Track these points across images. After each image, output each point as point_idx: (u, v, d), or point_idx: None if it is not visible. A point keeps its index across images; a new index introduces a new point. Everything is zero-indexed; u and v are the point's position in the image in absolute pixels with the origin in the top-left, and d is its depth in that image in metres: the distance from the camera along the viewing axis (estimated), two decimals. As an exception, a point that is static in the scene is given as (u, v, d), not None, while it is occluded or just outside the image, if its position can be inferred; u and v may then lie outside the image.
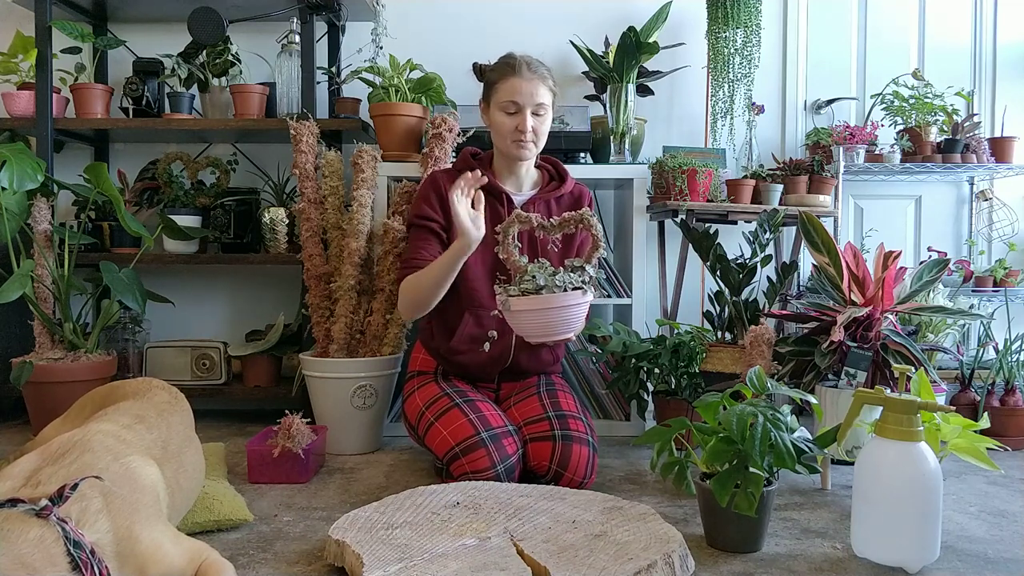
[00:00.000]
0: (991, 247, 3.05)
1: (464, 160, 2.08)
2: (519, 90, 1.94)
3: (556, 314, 1.70)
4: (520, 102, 1.95)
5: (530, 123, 1.95)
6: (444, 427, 1.86)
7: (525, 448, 1.88)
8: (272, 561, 1.44)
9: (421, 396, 2.00)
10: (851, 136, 2.66)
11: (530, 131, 1.96)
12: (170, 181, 2.75)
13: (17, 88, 2.75)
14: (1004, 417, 2.32)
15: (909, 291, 1.97)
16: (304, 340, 2.62)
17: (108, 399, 1.61)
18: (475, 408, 1.89)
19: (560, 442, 1.84)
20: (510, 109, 1.96)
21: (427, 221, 2.01)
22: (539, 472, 1.86)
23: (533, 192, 2.09)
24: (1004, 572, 1.42)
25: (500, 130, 1.98)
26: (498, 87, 1.97)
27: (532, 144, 1.99)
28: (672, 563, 1.32)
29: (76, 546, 1.01)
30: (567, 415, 1.92)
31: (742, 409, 1.47)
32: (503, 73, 1.97)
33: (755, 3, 2.72)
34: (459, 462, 1.80)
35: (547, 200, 2.08)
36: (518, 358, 2.04)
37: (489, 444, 1.79)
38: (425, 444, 1.94)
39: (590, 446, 1.87)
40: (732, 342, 2.28)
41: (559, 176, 2.12)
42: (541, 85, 1.97)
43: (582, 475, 1.84)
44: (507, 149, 2.00)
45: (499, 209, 2.03)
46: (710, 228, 2.37)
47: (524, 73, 1.95)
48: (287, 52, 2.68)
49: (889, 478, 1.41)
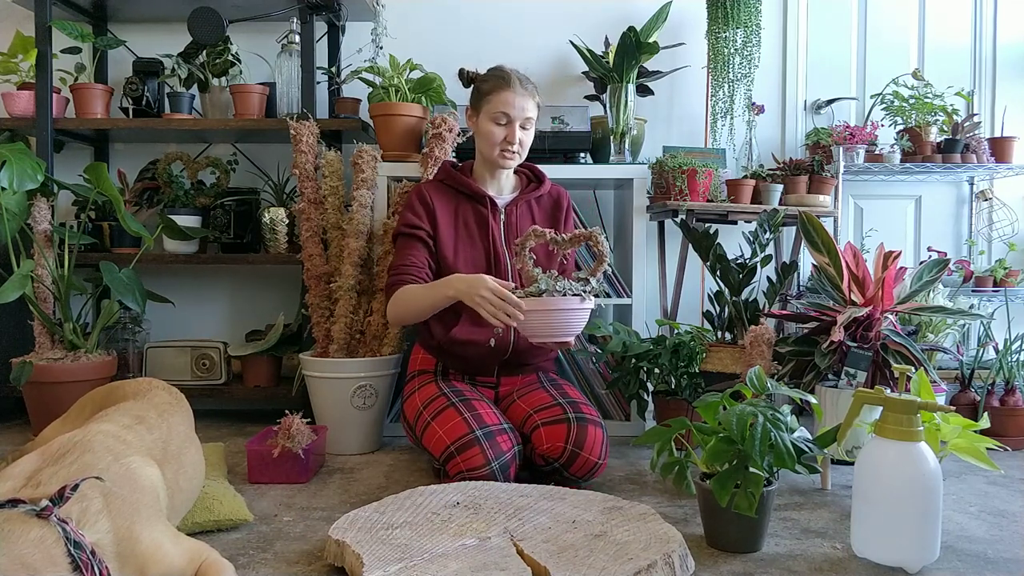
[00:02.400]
0: (991, 247, 3.05)
1: (445, 171, 2.15)
2: (512, 103, 2.02)
3: (556, 316, 1.79)
4: (512, 115, 2.03)
5: (519, 135, 2.04)
6: (440, 427, 1.87)
7: (536, 434, 1.88)
8: (272, 561, 1.44)
9: (420, 396, 2.01)
10: (851, 136, 2.66)
11: (518, 143, 2.05)
12: (170, 181, 2.75)
13: (17, 88, 2.75)
14: (1004, 417, 2.32)
15: (909, 291, 1.97)
16: (304, 340, 2.62)
17: (108, 399, 1.62)
18: (470, 407, 1.90)
19: (575, 424, 1.86)
20: (501, 120, 2.03)
21: (414, 229, 2.06)
22: (552, 455, 1.85)
23: (514, 195, 2.16)
24: (1004, 572, 1.42)
25: (489, 139, 2.05)
26: (491, 98, 2.04)
27: (516, 155, 2.08)
28: (672, 563, 1.32)
29: (76, 546, 1.01)
30: (578, 402, 1.96)
31: (742, 409, 1.47)
32: (497, 85, 2.04)
33: (755, 3, 2.72)
34: (454, 461, 1.80)
35: (528, 201, 2.16)
36: (518, 348, 2.06)
37: (483, 441, 1.80)
38: (422, 444, 1.95)
39: (603, 429, 1.90)
40: (732, 342, 2.28)
41: (536, 178, 2.20)
42: (531, 100, 2.06)
43: (598, 454, 1.84)
44: (493, 157, 2.07)
45: (483, 211, 2.11)
46: (710, 228, 2.37)
47: (517, 88, 2.03)
48: (287, 52, 2.68)
49: (889, 478, 1.41)
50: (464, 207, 2.11)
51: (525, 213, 2.14)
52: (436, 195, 2.10)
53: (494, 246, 2.08)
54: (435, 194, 2.10)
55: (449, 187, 2.13)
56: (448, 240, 2.07)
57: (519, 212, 2.13)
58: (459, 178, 2.11)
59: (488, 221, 2.09)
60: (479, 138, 2.09)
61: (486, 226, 2.09)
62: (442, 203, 2.09)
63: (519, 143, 2.05)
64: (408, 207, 2.10)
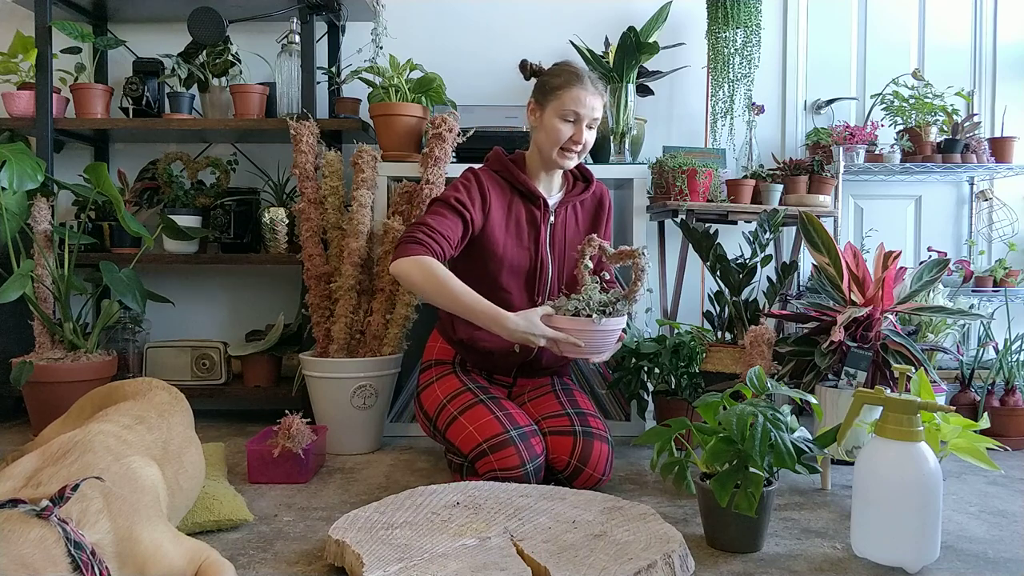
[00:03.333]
0: (991, 247, 3.05)
1: (500, 162, 2.03)
2: (583, 101, 1.92)
3: (596, 336, 1.78)
4: (581, 113, 1.92)
5: (584, 135, 1.95)
6: (470, 422, 1.85)
7: (544, 442, 1.88)
8: (272, 561, 1.44)
9: (442, 388, 1.98)
10: (851, 136, 2.66)
11: (583, 143, 1.96)
12: (170, 181, 2.75)
13: (17, 88, 2.75)
14: (1004, 417, 2.32)
15: (909, 291, 1.97)
16: (304, 340, 2.62)
17: (108, 399, 1.62)
18: (501, 406, 1.88)
19: (581, 438, 1.85)
20: (569, 117, 1.93)
21: (461, 206, 1.91)
22: (557, 467, 1.85)
23: (561, 194, 2.08)
24: (1004, 572, 1.42)
25: (553, 136, 1.94)
26: (560, 94, 1.93)
27: (576, 156, 1.98)
28: (672, 563, 1.32)
29: (77, 547, 1.01)
30: (586, 413, 1.94)
31: (742, 409, 1.47)
32: (568, 81, 1.93)
33: (755, 3, 2.72)
34: (487, 459, 1.78)
35: (574, 203, 2.08)
36: (542, 354, 2.02)
37: (519, 443, 1.78)
38: (446, 438, 1.92)
39: (609, 444, 1.89)
40: (732, 342, 2.28)
41: (584, 178, 2.11)
42: (600, 100, 1.96)
43: (601, 471, 1.84)
44: (552, 155, 1.96)
45: (535, 212, 2.02)
46: (710, 228, 2.37)
47: (588, 86, 1.93)
48: (287, 52, 2.68)
49: (889, 478, 1.41)
50: (517, 204, 2.01)
51: (571, 215, 2.07)
52: (492, 188, 1.99)
53: (539, 251, 2.01)
54: (492, 187, 1.99)
55: (505, 180, 2.02)
56: (500, 237, 1.97)
57: (566, 214, 2.06)
58: (517, 174, 2.00)
59: (539, 223, 2.01)
60: (541, 133, 1.97)
61: (536, 228, 2.01)
62: (497, 197, 1.99)
63: (583, 144, 1.96)
64: (462, 187, 1.96)
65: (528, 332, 1.77)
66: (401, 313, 2.34)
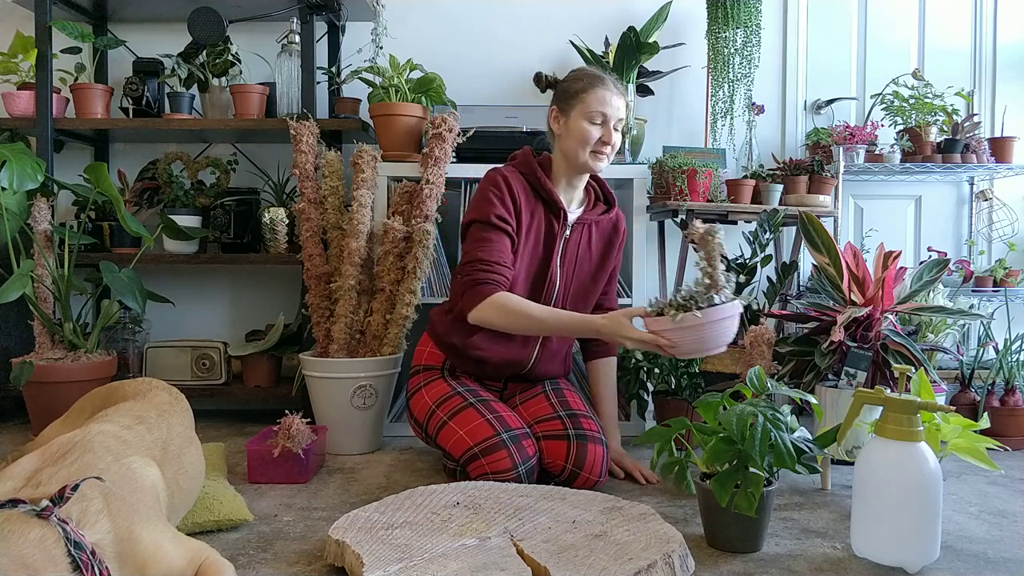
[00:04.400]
0: (991, 247, 3.05)
1: (528, 165, 2.00)
2: (609, 102, 1.91)
3: (715, 328, 1.65)
4: (608, 113, 1.91)
5: (614, 136, 1.93)
6: (460, 426, 1.84)
7: (538, 447, 1.88)
8: (272, 561, 1.44)
9: (430, 393, 1.98)
10: (851, 136, 2.66)
11: (612, 144, 1.94)
12: (170, 181, 2.75)
13: (17, 88, 2.75)
14: (1004, 417, 2.32)
15: (909, 291, 1.97)
16: (304, 340, 2.62)
17: (108, 400, 1.62)
18: (491, 408, 1.87)
19: (575, 441, 1.85)
20: (597, 119, 1.91)
21: (503, 223, 1.90)
22: (553, 471, 1.86)
23: (581, 211, 2.05)
24: (1004, 572, 1.42)
25: (582, 138, 1.91)
26: (585, 96, 1.91)
27: (606, 157, 1.95)
28: (672, 563, 1.32)
29: (77, 547, 1.01)
30: (578, 414, 1.93)
31: (742, 409, 1.47)
32: (591, 83, 1.92)
33: (755, 3, 2.72)
34: (478, 463, 1.78)
35: (590, 223, 2.04)
36: (537, 365, 2.04)
37: (510, 445, 1.78)
38: (436, 443, 1.92)
39: (603, 444, 1.88)
40: (732, 342, 2.28)
41: (607, 200, 2.09)
42: (623, 100, 1.95)
43: (598, 474, 1.84)
44: (583, 158, 1.93)
45: (554, 223, 1.99)
46: (710, 228, 2.36)
47: (611, 87, 1.93)
48: (287, 52, 2.68)
49: (889, 478, 1.41)
50: (539, 212, 1.97)
51: (585, 234, 2.03)
52: (521, 192, 1.95)
53: (550, 263, 1.98)
54: (520, 191, 1.95)
55: (530, 185, 1.98)
56: (519, 241, 1.94)
57: (582, 232, 2.02)
58: (543, 181, 1.96)
59: (556, 237, 1.97)
60: (568, 139, 1.94)
61: (552, 242, 1.98)
62: (524, 202, 1.95)
63: (613, 144, 1.94)
64: (496, 199, 1.91)
65: (613, 337, 1.75)
66: (401, 313, 2.34)
